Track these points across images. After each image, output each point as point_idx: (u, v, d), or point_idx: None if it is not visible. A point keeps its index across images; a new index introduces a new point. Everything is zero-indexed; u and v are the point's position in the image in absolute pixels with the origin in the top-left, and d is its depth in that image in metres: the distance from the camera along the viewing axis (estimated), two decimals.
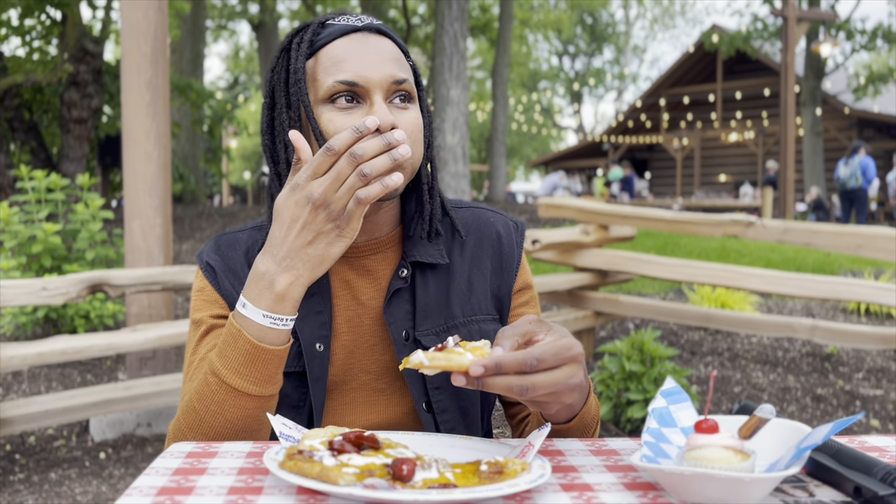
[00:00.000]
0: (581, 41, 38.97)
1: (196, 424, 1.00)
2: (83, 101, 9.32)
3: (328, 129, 1.03)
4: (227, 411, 0.99)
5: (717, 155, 25.82)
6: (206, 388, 0.99)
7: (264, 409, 1.01)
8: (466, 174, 11.27)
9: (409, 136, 1.04)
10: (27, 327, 4.56)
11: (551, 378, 0.82)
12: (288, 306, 0.96)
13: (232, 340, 0.98)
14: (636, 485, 0.80)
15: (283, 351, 0.99)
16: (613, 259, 4.80)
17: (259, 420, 1.01)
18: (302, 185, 0.92)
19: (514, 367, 0.80)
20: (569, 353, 0.84)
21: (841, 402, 4.21)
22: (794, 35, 13.78)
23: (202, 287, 1.15)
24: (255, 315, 0.96)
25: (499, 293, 1.18)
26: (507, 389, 0.81)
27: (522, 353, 0.81)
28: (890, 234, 3.74)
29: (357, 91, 1.02)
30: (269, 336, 0.97)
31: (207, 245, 1.18)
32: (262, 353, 0.97)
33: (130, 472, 3.30)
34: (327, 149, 0.90)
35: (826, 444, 0.83)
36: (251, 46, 31.86)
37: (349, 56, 1.03)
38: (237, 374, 0.97)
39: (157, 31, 3.79)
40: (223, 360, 0.98)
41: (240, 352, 0.97)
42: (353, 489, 0.71)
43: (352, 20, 1.07)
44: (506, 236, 1.20)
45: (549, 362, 0.82)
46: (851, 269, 8.16)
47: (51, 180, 4.63)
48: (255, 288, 0.96)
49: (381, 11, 18.39)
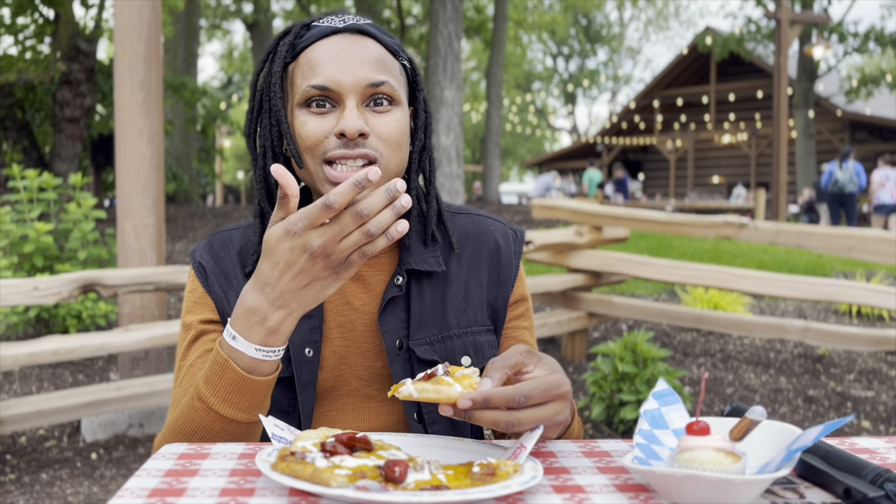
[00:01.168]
0: (575, 42, 39.03)
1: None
2: (76, 100, 9.29)
3: (300, 133, 1.02)
4: (215, 435, 0.98)
5: (710, 156, 25.91)
6: (194, 412, 0.98)
7: (253, 431, 1.00)
8: (461, 175, 11.28)
9: (386, 142, 1.02)
10: (19, 327, 4.54)
11: (538, 414, 0.83)
12: (280, 339, 0.94)
13: (220, 370, 0.95)
14: (628, 486, 0.80)
15: (272, 379, 0.97)
16: (607, 260, 4.81)
17: (248, 437, 1.01)
18: (299, 234, 0.86)
19: (503, 403, 0.81)
20: (557, 390, 0.84)
21: (832, 404, 4.22)
22: (787, 37, 13.83)
23: (193, 288, 1.14)
24: (246, 349, 0.93)
25: (494, 304, 1.16)
26: (494, 423, 0.81)
27: (511, 389, 0.81)
28: (881, 237, 3.76)
29: (330, 95, 1.01)
30: (259, 367, 0.95)
31: (201, 243, 1.17)
32: (250, 383, 0.95)
33: (122, 472, 3.29)
34: (327, 206, 0.84)
35: (817, 446, 0.84)
36: (245, 46, 31.83)
37: (325, 60, 1.01)
38: (225, 403, 0.96)
39: (151, 29, 3.78)
40: (210, 387, 0.96)
41: (228, 381, 0.95)
42: (346, 491, 0.71)
43: (336, 21, 1.05)
44: (504, 246, 1.18)
45: (536, 399, 0.83)
46: (843, 270, 8.20)
47: (43, 179, 4.61)
48: (246, 322, 0.93)
49: (375, 12, 18.38)
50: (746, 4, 23.33)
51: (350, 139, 1.00)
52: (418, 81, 1.11)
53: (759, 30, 18.22)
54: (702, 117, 24.37)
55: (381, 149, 1.02)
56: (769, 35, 17.88)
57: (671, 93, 24.29)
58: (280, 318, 0.91)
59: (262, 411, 0.99)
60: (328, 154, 1.01)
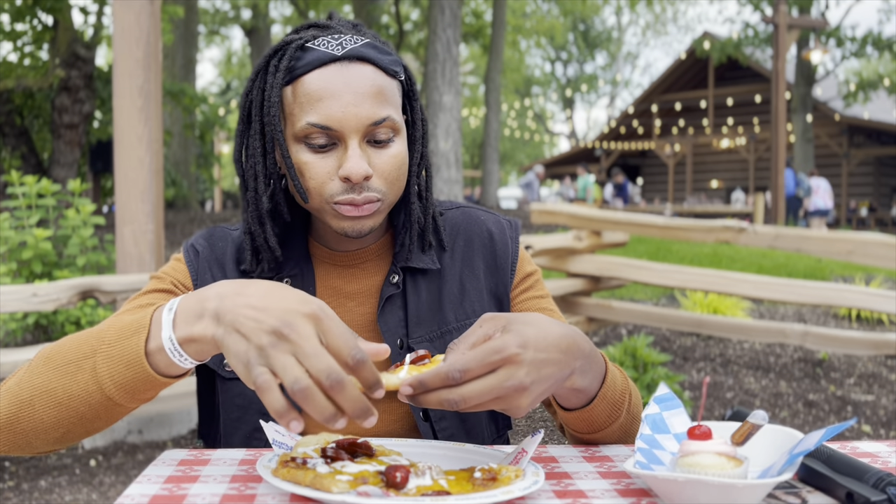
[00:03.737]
0: (574, 47, 39.12)
1: (20, 390, 0.88)
2: (74, 107, 9.29)
3: (303, 171, 1.01)
4: (66, 394, 0.85)
5: (708, 161, 25.95)
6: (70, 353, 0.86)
7: (112, 413, 0.88)
8: (459, 180, 11.29)
9: (388, 179, 1.02)
10: (17, 334, 4.53)
11: (482, 386, 0.76)
12: (192, 350, 0.82)
13: (130, 333, 0.84)
14: (629, 491, 0.80)
15: (164, 382, 0.85)
16: (606, 265, 4.81)
17: (98, 420, 0.88)
18: (295, 325, 0.74)
19: (438, 382, 0.76)
20: (498, 355, 0.77)
21: (833, 408, 4.22)
22: (784, 42, 13.86)
23: (175, 266, 1.12)
24: (165, 328, 0.82)
25: (496, 291, 1.15)
26: (440, 405, 0.77)
27: (445, 366, 0.77)
28: (880, 241, 3.76)
29: (331, 134, 0.99)
30: (160, 359, 0.83)
31: (198, 233, 1.17)
32: (144, 370, 0.83)
33: (121, 479, 3.28)
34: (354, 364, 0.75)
35: (818, 450, 0.84)
36: (244, 52, 31.87)
37: (325, 94, 0.98)
38: (110, 376, 0.84)
39: (150, 35, 3.79)
40: (105, 341, 0.85)
41: (125, 348, 0.83)
42: (347, 497, 0.70)
43: (332, 45, 1.01)
44: (498, 233, 1.17)
45: (474, 371, 0.76)
46: (842, 274, 8.20)
47: (42, 186, 4.61)
48: (190, 307, 0.82)
49: (373, 18, 18.41)
50: (744, 9, 23.37)
51: (355, 183, 0.99)
52: (414, 91, 1.10)
53: (756, 34, 18.27)
54: (700, 122, 24.42)
55: (383, 188, 1.02)
56: (767, 40, 17.92)
57: (669, 97, 24.33)
58: (205, 329, 0.79)
59: (139, 402, 0.87)
60: (335, 199, 1.01)
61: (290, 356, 0.72)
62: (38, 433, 0.88)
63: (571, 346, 0.83)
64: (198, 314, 0.80)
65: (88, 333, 0.88)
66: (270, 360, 0.72)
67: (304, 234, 1.14)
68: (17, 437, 0.89)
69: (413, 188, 1.11)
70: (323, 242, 1.13)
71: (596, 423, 0.97)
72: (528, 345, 0.78)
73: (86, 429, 0.89)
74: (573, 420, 0.98)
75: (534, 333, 0.80)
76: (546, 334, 0.81)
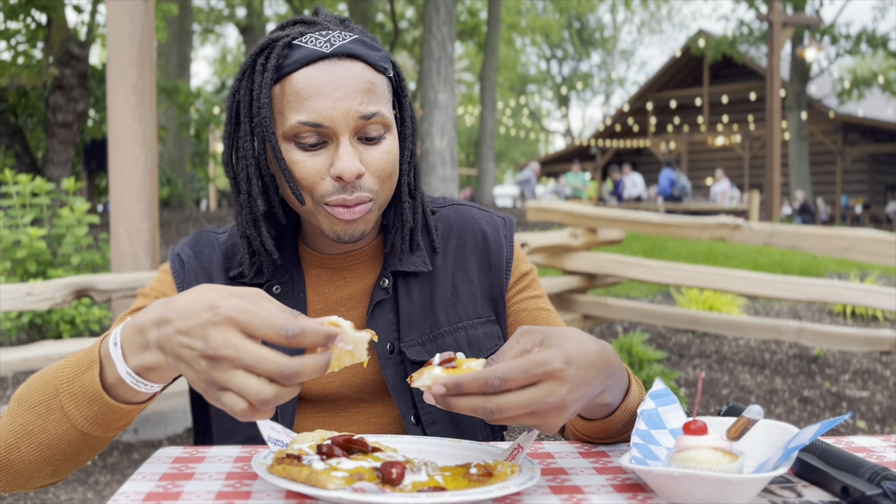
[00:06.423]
0: (569, 45, 39.13)
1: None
2: (68, 105, 9.26)
3: (295, 171, 0.99)
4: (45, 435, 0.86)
5: (704, 158, 25.98)
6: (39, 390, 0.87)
7: (93, 445, 0.89)
8: (455, 178, 11.28)
9: (379, 177, 1.01)
10: (12, 333, 4.52)
11: (521, 398, 0.72)
12: (155, 376, 0.81)
13: (84, 369, 0.83)
14: (625, 486, 0.80)
15: (134, 409, 0.85)
16: (601, 262, 4.81)
17: (84, 452, 0.89)
18: (222, 324, 0.73)
19: (476, 388, 0.73)
20: (542, 368, 0.73)
21: (828, 404, 4.23)
22: (779, 40, 13.89)
23: (161, 279, 1.12)
24: (119, 366, 0.80)
25: (491, 293, 1.13)
26: (472, 411, 0.73)
27: (485, 372, 0.73)
28: (875, 237, 3.77)
29: (322, 132, 0.98)
30: (123, 390, 0.82)
31: (183, 240, 1.15)
32: (106, 402, 0.83)
33: (116, 478, 3.27)
34: (286, 336, 0.73)
35: (813, 445, 0.84)
36: (238, 50, 31.80)
37: (314, 92, 0.97)
38: (77, 407, 0.84)
39: (144, 34, 3.78)
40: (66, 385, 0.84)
41: (83, 384, 0.83)
42: (343, 493, 0.70)
43: (320, 41, 0.99)
44: (492, 233, 1.14)
45: (516, 381, 0.72)
46: (837, 271, 8.23)
47: (36, 184, 4.59)
48: (132, 337, 0.79)
49: (368, 15, 18.38)
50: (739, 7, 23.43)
51: (347, 182, 0.98)
52: (403, 87, 1.08)
53: (751, 32, 18.30)
54: (695, 119, 24.45)
55: (375, 187, 1.01)
56: (761, 37, 17.95)
57: (664, 95, 24.36)
58: (156, 359, 0.78)
59: (116, 430, 0.88)
60: (327, 199, 0.99)
61: (236, 370, 0.70)
62: (31, 472, 0.89)
63: (605, 364, 0.80)
64: (143, 346, 0.78)
65: (49, 372, 0.88)
66: (221, 383, 0.71)
67: (294, 238, 1.12)
68: (13, 478, 0.90)
69: (404, 186, 1.10)
70: (313, 246, 1.12)
71: (612, 432, 0.96)
72: (572, 361, 0.75)
73: (73, 462, 0.90)
74: (590, 429, 0.96)
75: (576, 350, 0.77)
76: (585, 350, 0.78)
